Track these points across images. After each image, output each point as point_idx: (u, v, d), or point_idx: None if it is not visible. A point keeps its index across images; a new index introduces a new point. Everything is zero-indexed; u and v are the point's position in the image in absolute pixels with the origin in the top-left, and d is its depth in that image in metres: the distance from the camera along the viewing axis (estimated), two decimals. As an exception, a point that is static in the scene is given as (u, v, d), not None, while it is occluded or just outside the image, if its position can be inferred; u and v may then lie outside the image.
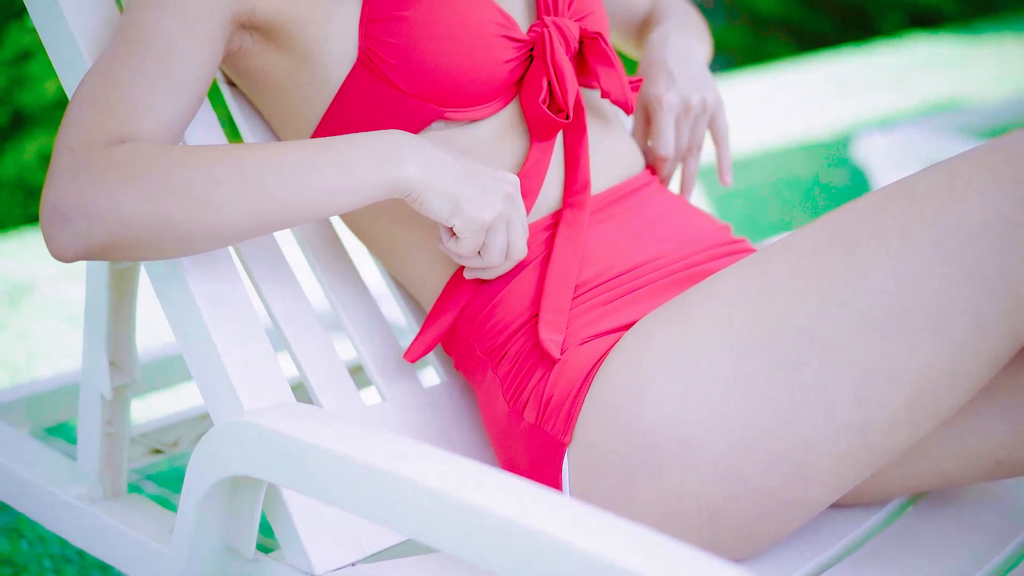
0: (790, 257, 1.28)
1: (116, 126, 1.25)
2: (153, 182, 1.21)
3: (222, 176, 1.23)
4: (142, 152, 1.22)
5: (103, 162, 1.21)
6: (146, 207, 1.20)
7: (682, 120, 1.64)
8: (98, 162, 1.21)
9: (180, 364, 2.16)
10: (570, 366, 1.35)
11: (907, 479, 1.41)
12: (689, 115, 1.63)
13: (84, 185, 1.20)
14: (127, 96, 1.26)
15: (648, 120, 1.66)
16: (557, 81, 1.45)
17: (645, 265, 1.44)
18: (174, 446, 1.92)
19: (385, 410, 1.48)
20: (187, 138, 1.45)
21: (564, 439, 1.33)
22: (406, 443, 1.13)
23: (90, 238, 1.21)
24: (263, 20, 1.39)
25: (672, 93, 1.62)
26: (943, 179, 1.24)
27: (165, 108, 1.28)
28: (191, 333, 1.36)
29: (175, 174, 1.22)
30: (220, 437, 1.24)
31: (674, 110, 1.62)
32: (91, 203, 1.20)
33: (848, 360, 1.21)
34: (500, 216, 1.35)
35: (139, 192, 1.20)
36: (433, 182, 1.31)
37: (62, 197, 1.21)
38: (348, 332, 1.52)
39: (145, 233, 1.21)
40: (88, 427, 1.64)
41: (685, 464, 1.26)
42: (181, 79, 1.30)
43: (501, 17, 1.43)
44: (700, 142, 1.67)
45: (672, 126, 1.62)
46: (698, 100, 1.64)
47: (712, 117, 1.66)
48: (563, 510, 0.98)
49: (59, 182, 1.21)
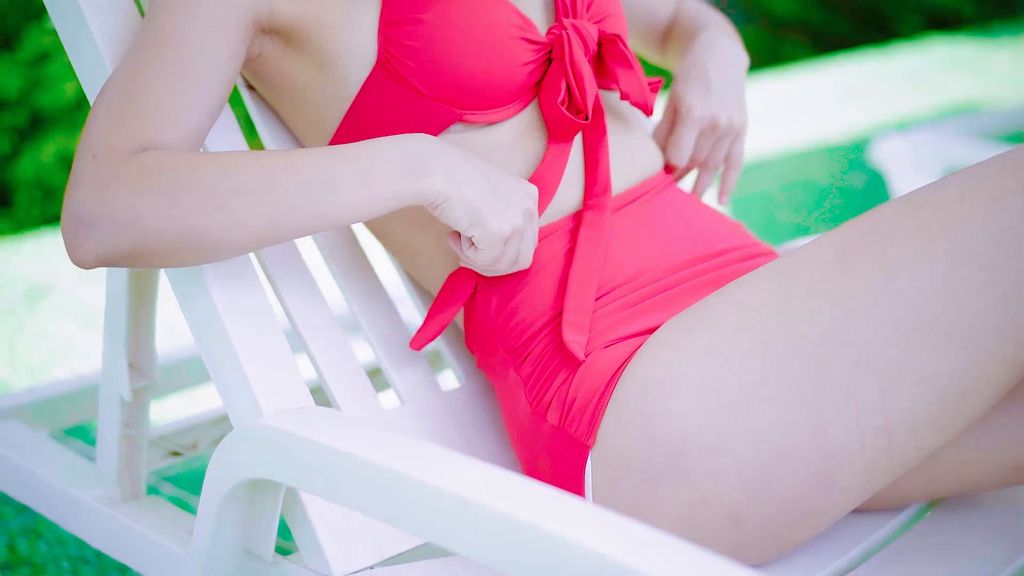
0: (815, 262, 1.28)
1: (140, 133, 1.25)
2: (175, 192, 1.21)
3: (244, 186, 1.23)
4: (165, 161, 1.23)
5: (127, 171, 1.22)
6: (168, 217, 1.21)
7: (706, 136, 1.64)
8: (122, 171, 1.22)
9: (198, 366, 2.17)
10: (594, 369, 1.35)
11: (927, 485, 1.41)
12: (714, 133, 1.64)
13: (108, 194, 1.21)
14: (151, 102, 1.27)
15: (673, 122, 1.66)
16: (576, 83, 1.45)
17: (667, 268, 1.44)
18: (193, 448, 1.92)
19: (403, 413, 1.48)
20: (206, 140, 1.45)
21: (587, 442, 1.33)
22: (425, 447, 1.13)
23: (111, 246, 1.21)
24: (283, 24, 1.39)
25: (703, 105, 1.63)
26: (967, 185, 1.23)
27: (188, 114, 1.29)
28: (210, 335, 1.37)
29: (197, 184, 1.22)
30: (239, 440, 1.24)
31: (700, 124, 1.62)
32: (114, 212, 1.20)
33: (874, 364, 1.21)
34: (518, 231, 1.35)
35: (162, 202, 1.21)
36: (457, 193, 1.31)
37: (86, 204, 1.21)
38: (366, 334, 1.52)
39: (166, 242, 1.22)
40: (107, 429, 1.64)
41: (710, 468, 1.26)
42: (204, 84, 1.31)
43: (520, 19, 1.43)
44: (717, 163, 1.68)
45: (693, 140, 1.63)
46: (726, 120, 1.64)
47: (733, 139, 1.67)
48: (583, 515, 0.98)
49: (83, 189, 1.22)
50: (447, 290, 1.46)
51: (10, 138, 4.40)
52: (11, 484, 1.81)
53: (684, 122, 1.63)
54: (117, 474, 1.64)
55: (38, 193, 4.48)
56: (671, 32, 1.86)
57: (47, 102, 4.46)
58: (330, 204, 1.26)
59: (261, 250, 1.45)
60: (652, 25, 1.88)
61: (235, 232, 1.24)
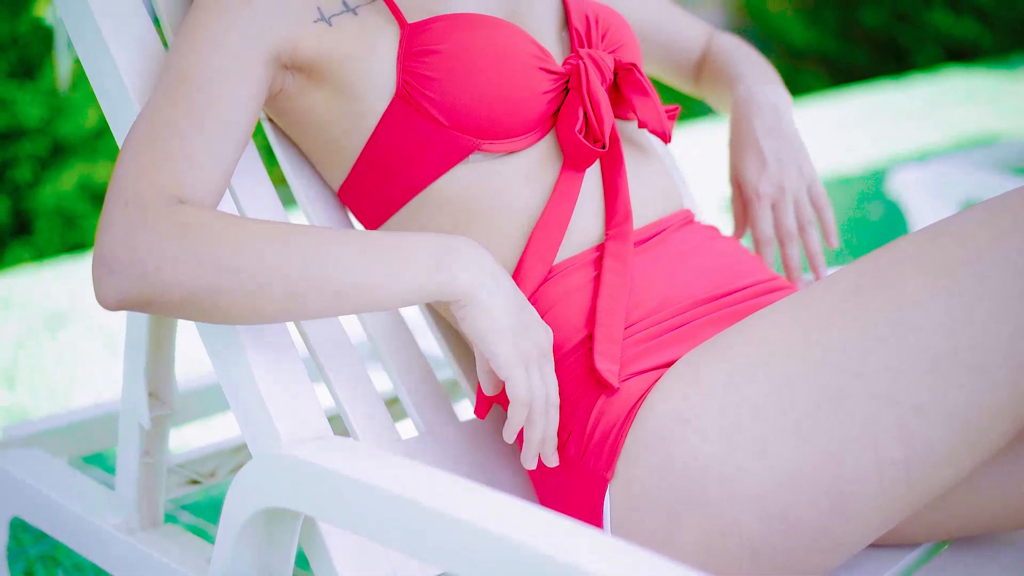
0: (834, 294, 1.28)
1: (169, 178, 1.27)
2: (200, 253, 1.22)
3: (269, 261, 1.24)
4: (194, 219, 1.24)
5: (156, 222, 1.23)
6: (189, 276, 1.22)
7: (780, 205, 1.65)
8: (150, 221, 1.23)
9: (216, 395, 2.17)
10: (613, 401, 1.35)
11: (944, 523, 1.40)
12: (786, 198, 1.65)
13: (135, 241, 1.22)
14: (178, 145, 1.28)
15: (744, 204, 1.68)
16: (593, 111, 1.45)
17: (686, 303, 1.44)
18: (211, 476, 1.93)
19: (421, 443, 1.48)
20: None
21: (607, 474, 1.33)
22: (443, 477, 1.13)
23: (131, 291, 1.23)
24: (304, 59, 1.41)
25: (765, 181, 1.65)
26: (984, 218, 1.23)
27: (215, 155, 1.31)
28: (230, 364, 1.37)
29: (223, 250, 1.23)
30: (258, 469, 1.25)
31: (770, 198, 1.64)
32: (138, 262, 1.22)
33: (893, 396, 1.21)
34: (534, 358, 1.32)
35: (185, 259, 1.22)
36: (486, 299, 1.30)
37: (112, 248, 1.23)
38: (384, 363, 1.53)
39: (184, 297, 1.23)
40: (127, 457, 1.65)
41: (729, 500, 1.26)
42: (230, 123, 1.33)
43: (537, 49, 1.44)
44: (805, 222, 1.70)
45: (768, 214, 1.65)
46: (793, 181, 1.65)
47: (809, 188, 1.68)
48: (602, 547, 0.98)
49: (111, 233, 1.23)
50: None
51: (31, 166, 4.42)
52: (30, 511, 1.81)
53: (753, 204, 1.66)
54: (135, 502, 1.65)
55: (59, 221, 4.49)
56: (704, 67, 1.87)
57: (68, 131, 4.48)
58: (354, 287, 1.26)
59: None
60: (684, 58, 1.89)
61: (252, 303, 1.25)
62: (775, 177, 1.65)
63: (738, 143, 1.69)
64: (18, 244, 4.44)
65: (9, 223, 4.44)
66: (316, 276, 1.25)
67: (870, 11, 8.02)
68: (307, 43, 1.40)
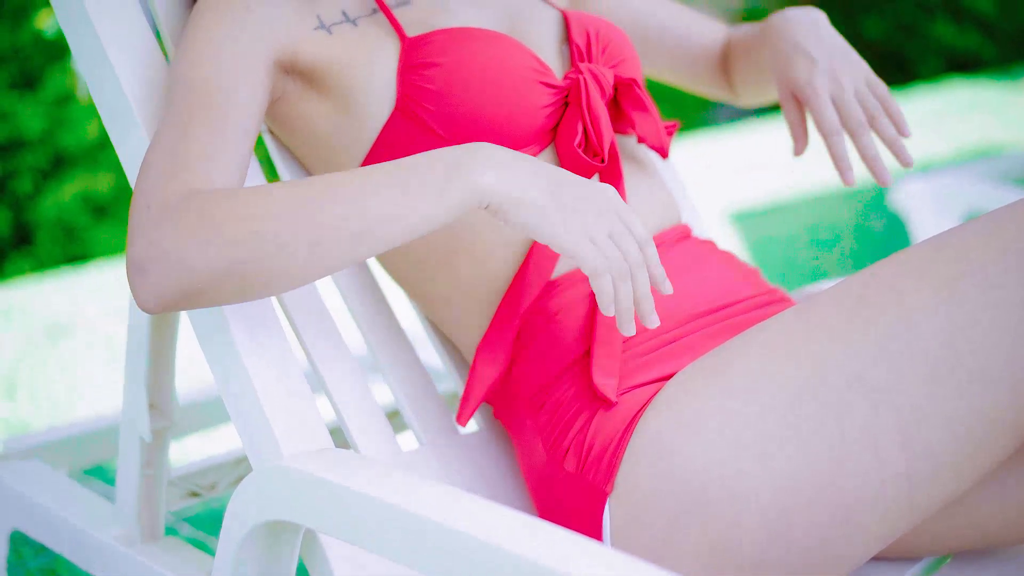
0: (835, 306, 1.27)
1: (190, 177, 1.27)
2: (217, 228, 1.22)
3: (282, 210, 1.23)
4: (206, 200, 1.24)
5: (174, 216, 1.23)
6: (215, 256, 1.21)
7: (840, 97, 1.58)
8: (170, 216, 1.23)
9: (217, 407, 2.17)
10: (611, 415, 1.34)
11: (946, 537, 1.40)
12: (845, 91, 1.57)
13: (158, 239, 1.22)
14: (194, 149, 1.29)
15: (799, 106, 1.62)
16: (592, 126, 1.45)
17: (685, 316, 1.44)
18: (211, 489, 1.92)
19: (422, 455, 1.48)
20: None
21: (606, 488, 1.32)
22: (445, 490, 1.13)
23: (166, 288, 1.22)
24: (305, 65, 1.41)
25: (819, 76, 1.58)
26: (988, 229, 1.23)
27: (232, 155, 1.31)
28: (231, 376, 1.37)
29: (235, 215, 1.22)
30: (259, 481, 1.24)
31: (828, 91, 1.57)
32: (164, 256, 1.22)
33: (895, 408, 1.21)
34: (596, 228, 1.27)
35: (205, 239, 1.21)
36: (518, 191, 1.25)
37: (141, 252, 1.23)
38: (385, 376, 1.52)
39: (216, 281, 1.23)
40: (127, 469, 1.65)
41: (729, 512, 1.25)
42: (243, 126, 1.33)
43: (537, 63, 1.44)
44: (873, 111, 1.59)
45: (830, 106, 1.57)
46: (848, 74, 1.58)
47: (866, 80, 1.60)
48: (605, 560, 0.98)
49: (137, 238, 1.24)
50: (483, 356, 1.45)
51: (32, 178, 4.42)
52: (30, 524, 1.81)
53: (812, 100, 1.58)
54: (136, 514, 1.65)
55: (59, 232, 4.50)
56: (730, 46, 1.81)
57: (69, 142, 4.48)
58: (372, 218, 1.23)
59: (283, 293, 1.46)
60: (703, 49, 1.82)
61: (278, 261, 1.23)
62: (829, 71, 1.58)
63: (779, 54, 1.62)
64: (19, 255, 4.45)
65: (10, 234, 4.44)
66: (332, 220, 1.23)
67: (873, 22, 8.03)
68: (308, 48, 1.41)
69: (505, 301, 1.44)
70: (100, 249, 4.50)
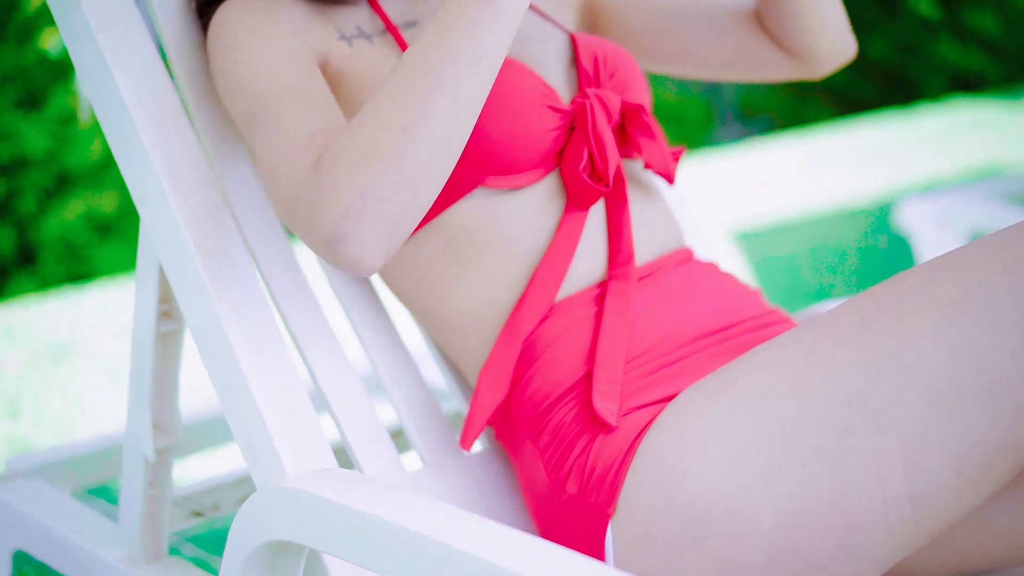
0: (838, 328, 1.27)
1: (311, 156, 1.29)
2: (365, 160, 1.23)
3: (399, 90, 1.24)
4: (336, 148, 1.26)
5: (323, 182, 1.24)
6: (378, 180, 1.22)
7: None
8: (321, 186, 1.24)
9: (220, 426, 2.17)
10: (613, 437, 1.34)
11: (951, 559, 1.39)
12: None
13: (329, 206, 1.23)
14: (300, 134, 1.32)
15: None
16: (597, 151, 1.45)
17: (686, 337, 1.44)
18: (215, 509, 1.92)
19: (426, 475, 1.48)
20: (233, 198, 1.47)
21: (608, 509, 1.32)
22: (449, 510, 1.13)
23: (369, 240, 1.23)
24: (333, 71, 1.46)
25: None
26: (991, 251, 1.23)
27: (332, 118, 1.35)
28: (235, 396, 1.37)
29: (373, 130, 1.24)
30: (263, 502, 1.24)
31: None
32: (347, 215, 1.23)
33: (898, 430, 1.21)
34: None
35: (364, 177, 1.23)
36: None
37: (327, 229, 1.23)
38: (389, 395, 1.52)
39: (399, 198, 1.23)
40: (131, 489, 1.64)
41: (732, 536, 1.25)
42: (323, 97, 1.37)
43: (544, 87, 1.44)
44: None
45: None
46: None
47: None
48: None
49: (315, 226, 1.25)
50: (487, 379, 1.45)
51: (36, 197, 4.43)
52: (33, 543, 1.81)
53: None
54: (139, 534, 1.64)
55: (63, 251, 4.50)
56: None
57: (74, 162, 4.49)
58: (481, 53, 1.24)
59: (285, 310, 1.46)
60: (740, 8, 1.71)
61: (423, 129, 1.23)
62: None
63: None
64: (22, 274, 4.45)
65: (13, 253, 4.44)
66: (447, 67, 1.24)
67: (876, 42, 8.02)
68: (335, 55, 1.46)
69: (508, 326, 1.44)
70: (104, 268, 4.50)
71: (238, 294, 1.41)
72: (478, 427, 1.43)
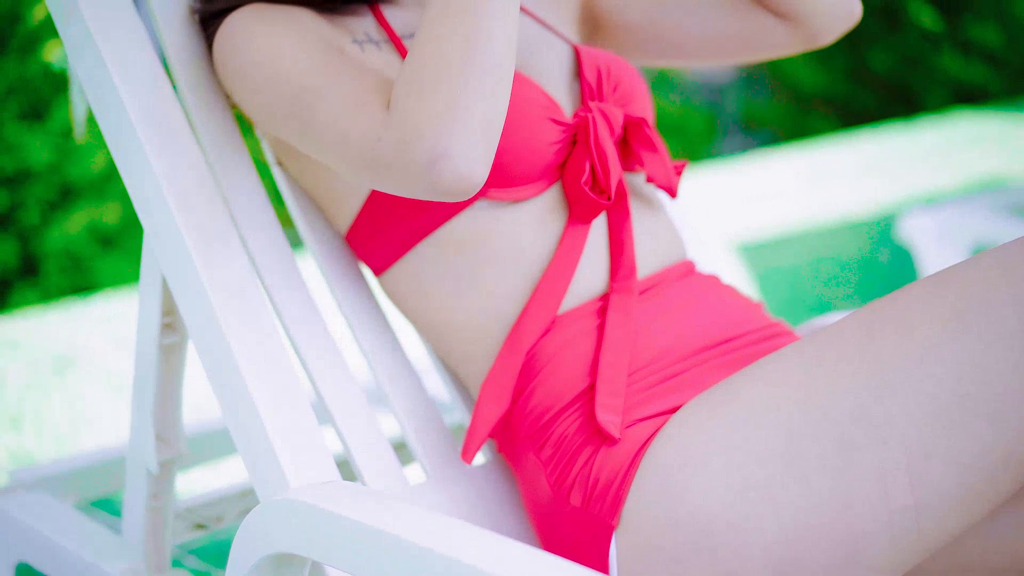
0: (842, 340, 1.27)
1: (377, 103, 1.30)
2: (426, 75, 1.24)
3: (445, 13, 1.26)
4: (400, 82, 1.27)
5: (397, 118, 1.25)
6: (445, 85, 1.23)
7: None
8: (395, 120, 1.25)
9: (223, 438, 2.17)
10: (617, 448, 1.34)
11: (956, 569, 1.39)
12: None
13: (417, 131, 1.23)
14: (360, 89, 1.33)
15: None
16: (599, 164, 1.45)
17: (688, 350, 1.44)
18: (218, 521, 1.92)
19: (429, 488, 1.48)
20: (235, 209, 1.47)
21: (612, 521, 1.32)
22: (452, 523, 1.13)
23: (464, 143, 1.23)
24: None
25: None
26: (994, 264, 1.23)
27: (382, 74, 1.35)
28: (238, 408, 1.37)
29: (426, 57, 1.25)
30: (266, 514, 1.24)
31: None
32: (436, 130, 1.23)
33: (902, 442, 1.20)
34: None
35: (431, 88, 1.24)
36: None
37: (418, 156, 1.23)
38: (392, 408, 1.52)
39: (470, 94, 1.23)
40: (134, 501, 1.64)
41: (736, 547, 1.25)
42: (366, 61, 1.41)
43: (546, 100, 1.44)
44: None
45: None
46: None
47: None
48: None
49: (402, 160, 1.25)
50: (488, 391, 1.45)
51: (40, 209, 4.43)
52: (36, 556, 1.81)
53: None
54: (142, 546, 1.64)
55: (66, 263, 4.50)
56: None
57: (77, 174, 4.49)
58: None
59: (288, 323, 1.46)
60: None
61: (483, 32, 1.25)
62: None
63: None
64: (25, 286, 4.45)
65: (17, 265, 4.45)
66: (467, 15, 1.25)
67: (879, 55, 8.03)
68: (351, 54, 1.45)
69: (510, 339, 1.44)
70: (107, 280, 4.51)
71: (241, 306, 1.41)
72: (480, 440, 1.43)
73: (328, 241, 1.56)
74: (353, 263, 1.57)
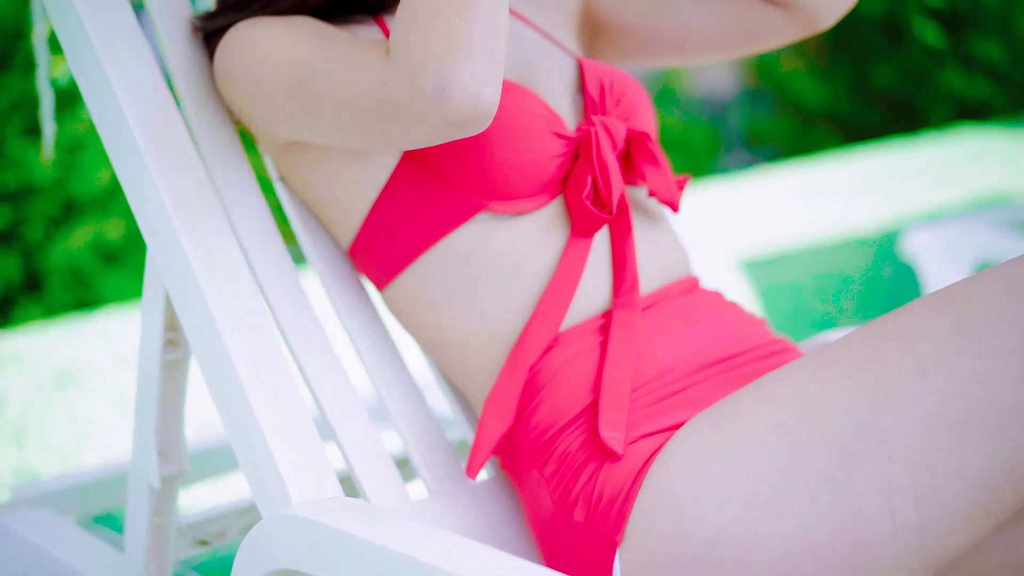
0: (847, 356, 1.27)
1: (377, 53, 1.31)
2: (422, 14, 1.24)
3: None
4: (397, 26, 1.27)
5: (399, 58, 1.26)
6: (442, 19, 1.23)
7: None
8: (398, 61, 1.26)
9: (225, 454, 2.16)
10: (620, 464, 1.34)
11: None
12: None
13: (421, 66, 1.24)
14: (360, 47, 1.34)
15: None
16: (601, 178, 1.45)
17: (691, 366, 1.44)
18: (220, 537, 1.92)
19: (432, 504, 1.48)
20: (238, 225, 1.47)
21: (616, 537, 1.32)
22: (454, 539, 1.13)
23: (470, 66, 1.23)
24: None
25: None
26: (998, 280, 1.23)
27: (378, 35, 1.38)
28: (241, 424, 1.37)
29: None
30: (268, 530, 1.24)
31: None
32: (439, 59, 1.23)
33: (908, 458, 1.20)
34: None
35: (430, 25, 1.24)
36: None
37: (426, 87, 1.24)
38: (395, 423, 1.52)
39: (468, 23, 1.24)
40: (136, 517, 1.64)
41: (740, 563, 1.25)
42: None
43: (548, 113, 1.44)
44: None
45: None
46: None
47: None
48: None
49: (411, 96, 1.25)
50: (489, 418, 1.45)
51: (43, 225, 4.43)
52: (38, 572, 1.80)
53: None
54: (145, 563, 1.64)
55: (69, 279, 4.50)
56: None
57: (80, 190, 4.50)
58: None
59: (290, 337, 1.46)
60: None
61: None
62: None
63: None
64: (29, 301, 4.45)
65: (20, 281, 4.45)
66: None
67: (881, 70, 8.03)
68: None
69: (513, 355, 1.44)
70: (110, 296, 4.51)
71: (243, 322, 1.41)
72: (484, 456, 1.43)
73: (331, 257, 1.56)
74: (356, 279, 1.58)
